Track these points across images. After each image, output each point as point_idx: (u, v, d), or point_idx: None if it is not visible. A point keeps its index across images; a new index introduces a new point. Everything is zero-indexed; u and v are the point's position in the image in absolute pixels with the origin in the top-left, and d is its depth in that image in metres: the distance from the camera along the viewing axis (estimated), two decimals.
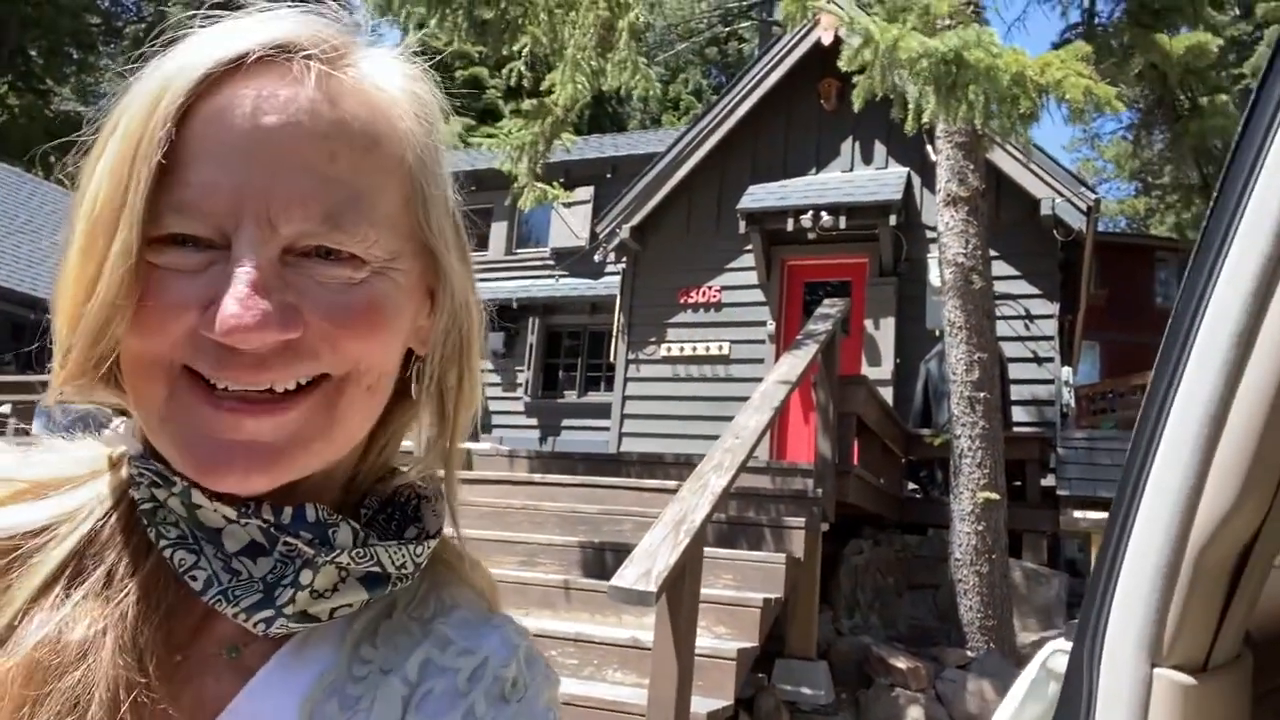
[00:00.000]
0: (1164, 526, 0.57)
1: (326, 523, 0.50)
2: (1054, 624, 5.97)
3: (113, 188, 0.46)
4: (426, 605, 0.56)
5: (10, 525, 0.49)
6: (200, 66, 0.46)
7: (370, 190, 0.49)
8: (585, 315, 13.22)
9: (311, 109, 0.47)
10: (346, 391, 0.49)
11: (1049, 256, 7.97)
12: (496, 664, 0.54)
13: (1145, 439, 0.59)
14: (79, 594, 0.48)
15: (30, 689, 0.44)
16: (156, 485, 0.50)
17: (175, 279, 0.46)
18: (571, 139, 6.37)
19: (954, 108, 3.96)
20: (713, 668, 3.40)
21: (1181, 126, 6.91)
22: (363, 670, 0.52)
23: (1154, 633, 0.57)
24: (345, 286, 0.48)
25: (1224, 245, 0.58)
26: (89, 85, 29.54)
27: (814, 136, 9.23)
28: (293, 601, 0.49)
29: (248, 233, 0.46)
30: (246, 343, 0.45)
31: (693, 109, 29.29)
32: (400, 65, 0.54)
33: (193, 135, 0.46)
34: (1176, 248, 17.58)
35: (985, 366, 5.50)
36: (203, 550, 0.49)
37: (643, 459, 6.13)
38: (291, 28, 0.49)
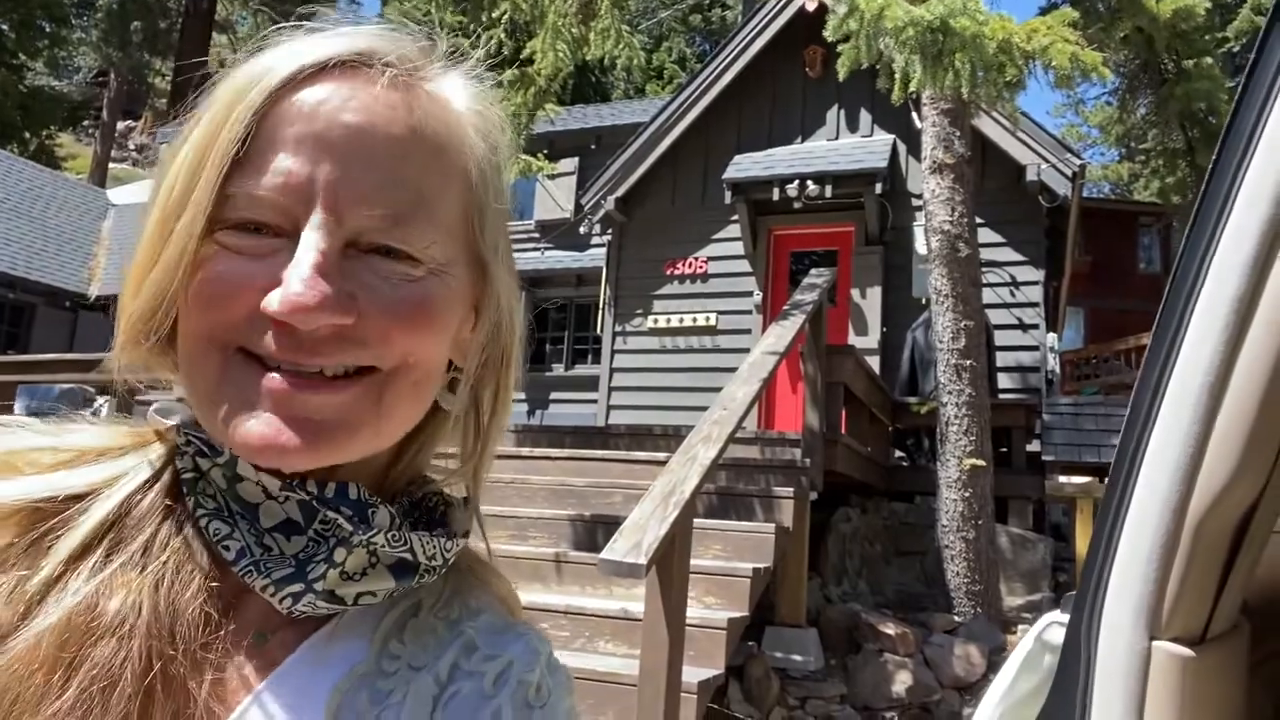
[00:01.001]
0: (1163, 497, 0.56)
1: (367, 502, 0.52)
2: (1039, 588, 6.04)
3: (190, 172, 0.49)
4: (452, 607, 0.58)
5: (55, 488, 0.50)
6: (287, 67, 0.50)
7: (434, 196, 0.52)
8: (571, 288, 13.17)
9: (387, 112, 0.50)
10: (394, 384, 0.51)
11: (1035, 223, 7.97)
12: (521, 669, 0.56)
13: (1144, 409, 0.59)
14: (118, 560, 0.49)
15: (65, 652, 0.45)
16: (202, 455, 0.51)
17: (241, 260, 0.48)
18: (555, 110, 6.28)
19: (940, 76, 3.92)
20: (703, 637, 3.43)
21: (1167, 90, 6.89)
22: (392, 666, 0.53)
23: (1153, 605, 0.56)
24: (401, 282, 0.50)
25: (1223, 212, 0.57)
26: (62, 59, 28.99)
27: (799, 105, 9.16)
28: (324, 578, 0.50)
29: (316, 221, 0.48)
30: (306, 322, 0.46)
31: (677, 78, 29.03)
32: (469, 85, 0.57)
33: (273, 127, 0.49)
34: (1160, 213, 17.63)
35: (971, 334, 5.51)
36: (237, 524, 0.51)
37: (631, 431, 6.13)
38: (375, 39, 0.53)
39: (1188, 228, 0.61)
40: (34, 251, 15.84)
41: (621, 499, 4.67)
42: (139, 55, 30.41)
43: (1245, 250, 0.53)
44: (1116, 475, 0.59)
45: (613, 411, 9.38)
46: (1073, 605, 0.61)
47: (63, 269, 16.00)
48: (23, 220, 16.43)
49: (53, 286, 15.39)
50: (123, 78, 29.79)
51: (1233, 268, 0.55)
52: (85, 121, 32.16)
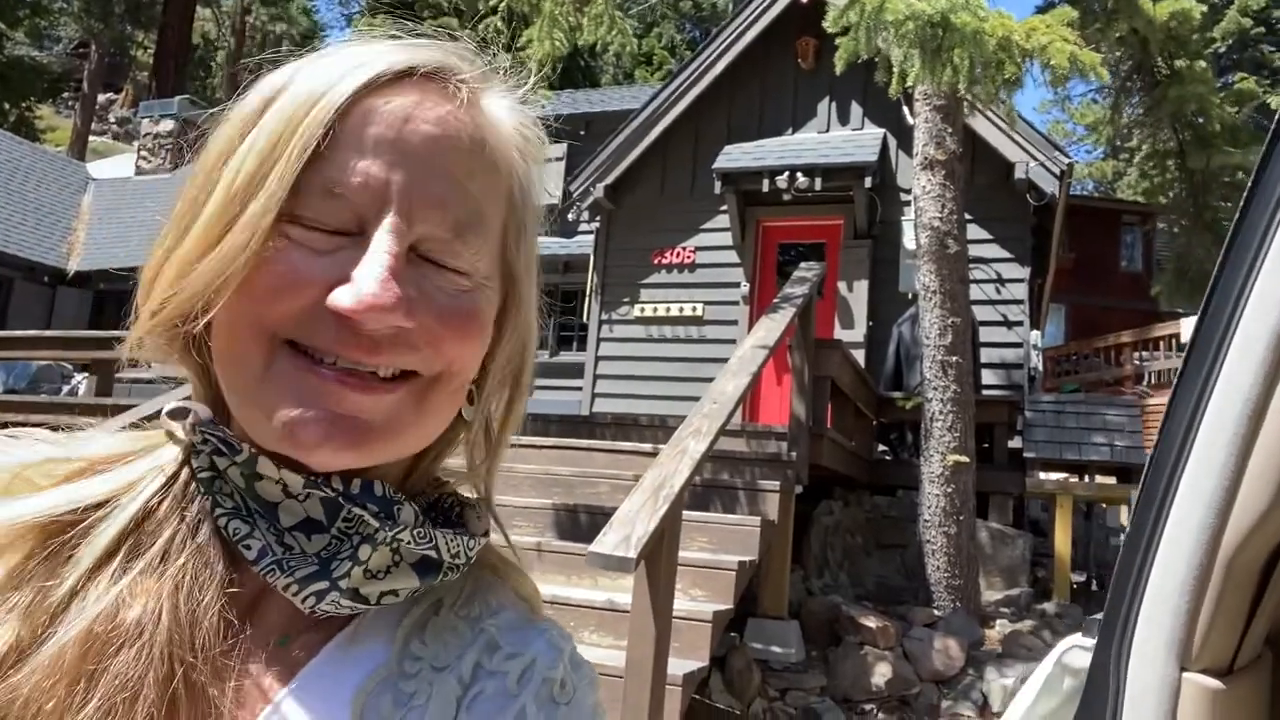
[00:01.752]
0: (1196, 529, 0.56)
1: (392, 499, 0.52)
2: (1018, 583, 6.10)
3: (260, 159, 0.48)
4: (473, 605, 0.58)
5: (74, 500, 0.50)
6: (374, 68, 0.50)
7: (488, 211, 0.53)
8: (558, 274, 13.12)
9: (461, 126, 0.52)
10: (436, 390, 0.52)
11: (1022, 220, 8.01)
12: (544, 666, 0.56)
13: (1177, 440, 0.58)
14: (137, 567, 0.49)
15: (87, 663, 0.45)
16: (219, 453, 0.51)
17: (304, 254, 0.48)
18: (546, 95, 6.25)
19: (939, 71, 3.92)
20: (688, 629, 3.44)
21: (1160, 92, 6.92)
22: (414, 667, 0.53)
23: (1183, 636, 0.56)
24: (456, 293, 0.51)
25: (1264, 242, 0.56)
26: (43, 29, 28.50)
27: (790, 96, 9.15)
28: (348, 576, 0.50)
29: (389, 223, 0.48)
30: (378, 321, 0.47)
31: (667, 64, 28.92)
32: (515, 106, 0.58)
33: (352, 127, 0.49)
34: (1143, 212, 17.76)
35: (958, 331, 5.54)
36: (256, 523, 0.50)
37: (617, 420, 6.13)
38: (451, 55, 0.54)
39: (1222, 255, 0.60)
40: (11, 225, 15.59)
41: (608, 488, 4.67)
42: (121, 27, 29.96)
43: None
44: (1147, 506, 0.59)
45: (598, 399, 9.37)
46: (1099, 633, 0.60)
47: (41, 243, 15.77)
48: (1, 193, 16.16)
49: (31, 261, 15.17)
50: (104, 49, 29.34)
51: (1273, 301, 0.54)
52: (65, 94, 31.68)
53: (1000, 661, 4.78)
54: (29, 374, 9.65)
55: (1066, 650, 0.68)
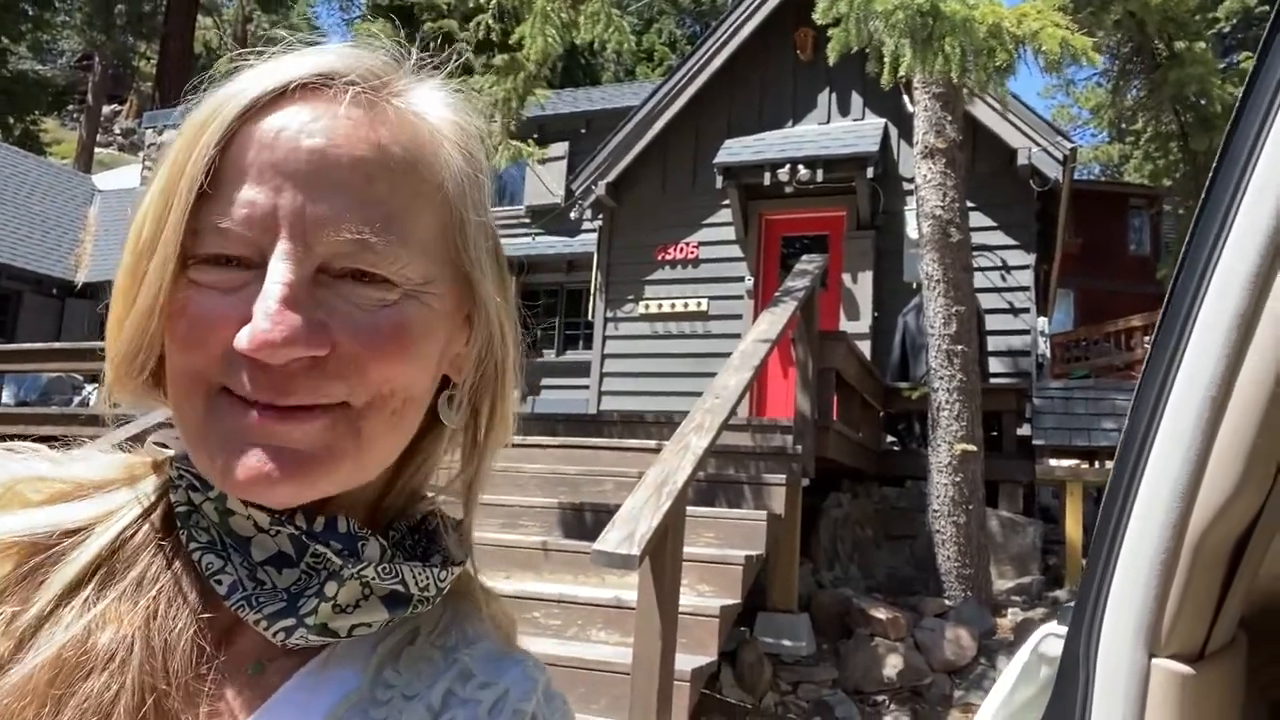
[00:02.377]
0: (1163, 513, 0.55)
1: (356, 535, 0.51)
2: (1029, 571, 6.08)
3: (158, 209, 0.48)
4: (449, 635, 0.57)
5: (50, 523, 0.50)
6: (247, 95, 0.49)
7: (405, 214, 0.50)
8: (562, 273, 13.13)
9: (351, 133, 0.49)
10: (370, 417, 0.49)
11: (1025, 207, 7.96)
12: (517, 697, 0.55)
13: (1143, 422, 0.58)
14: (110, 595, 0.49)
15: (56, 689, 0.45)
16: (194, 489, 0.51)
17: (213, 296, 0.47)
18: (545, 94, 6.24)
19: (930, 60, 3.89)
20: (696, 625, 3.44)
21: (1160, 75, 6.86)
22: (386, 694, 0.53)
23: (1152, 622, 0.56)
24: (376, 308, 0.49)
25: (1225, 225, 0.56)
26: (46, 42, 28.63)
27: (790, 88, 9.12)
28: (315, 612, 0.50)
29: (282, 250, 0.47)
30: (274, 357, 0.45)
31: (667, 60, 28.87)
32: (442, 95, 0.55)
33: (236, 158, 0.48)
34: (1150, 195, 17.65)
35: (963, 319, 5.52)
36: (230, 557, 0.50)
37: (623, 418, 6.13)
38: (334, 59, 0.51)
39: (1186, 238, 0.60)
40: (19, 238, 15.69)
41: (613, 486, 4.67)
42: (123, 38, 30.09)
43: (1248, 264, 0.52)
44: (1115, 490, 0.59)
45: (604, 397, 9.37)
46: (1070, 619, 0.60)
47: (48, 256, 15.86)
48: (8, 207, 16.26)
49: (39, 274, 15.26)
50: (107, 61, 29.47)
51: (1235, 282, 0.54)
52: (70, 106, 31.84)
53: (1013, 650, 4.77)
54: (40, 386, 9.70)
55: (1043, 639, 0.67)
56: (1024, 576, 6.03)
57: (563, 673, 3.20)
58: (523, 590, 3.73)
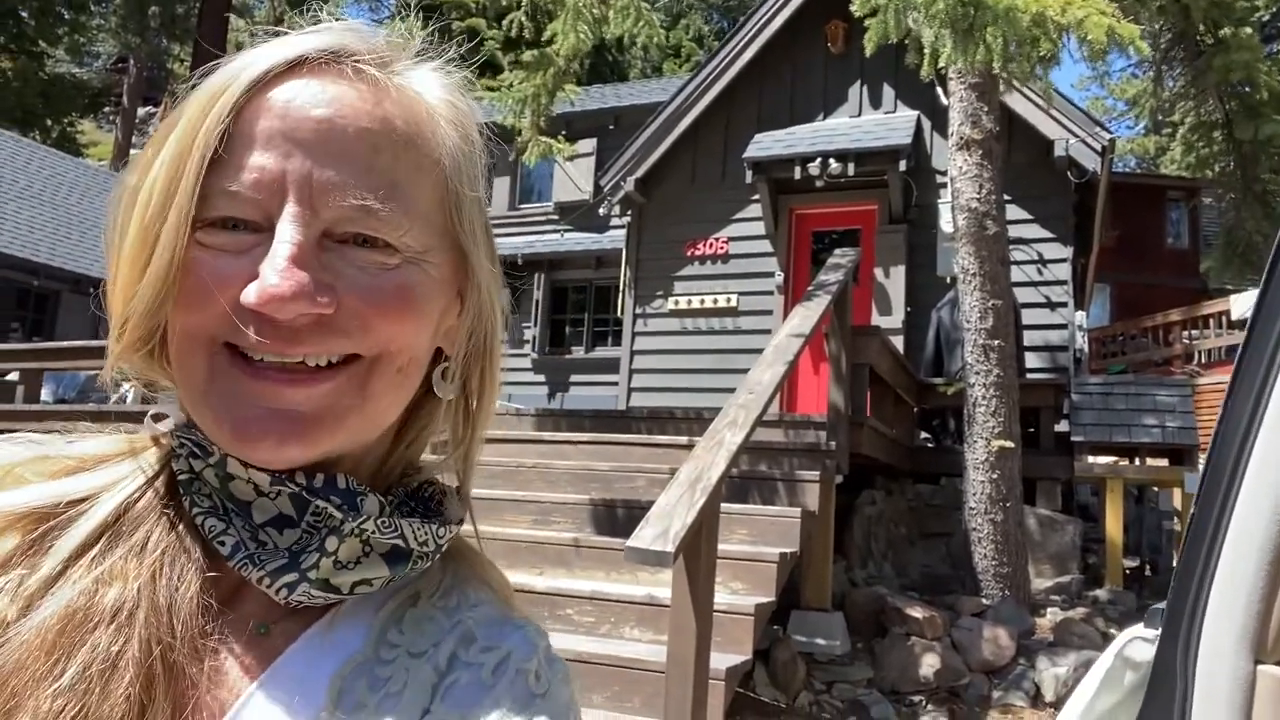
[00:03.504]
0: (1267, 515, 0.51)
1: (355, 491, 0.53)
2: (1068, 570, 5.97)
3: (169, 175, 0.49)
4: (450, 597, 0.59)
5: (55, 494, 0.52)
6: (259, 66, 0.51)
7: (407, 184, 0.52)
8: (591, 270, 13.13)
9: (358, 105, 0.51)
10: (378, 371, 0.52)
11: (1063, 199, 7.83)
12: (519, 659, 0.56)
13: (1242, 422, 0.54)
14: (116, 554, 0.50)
15: (64, 641, 0.47)
16: (195, 456, 0.53)
17: (221, 258, 0.49)
18: (574, 91, 6.22)
19: (971, 51, 3.81)
20: (730, 623, 3.40)
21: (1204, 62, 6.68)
22: (391, 654, 0.54)
23: (1257, 627, 0.52)
24: (379, 270, 0.51)
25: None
26: (82, 45, 29.11)
27: (820, 81, 9.03)
28: (316, 567, 0.51)
29: (290, 213, 0.49)
30: (282, 311, 0.47)
31: (695, 56, 28.77)
32: (440, 77, 0.58)
33: (247, 126, 0.50)
34: (1188, 187, 17.32)
35: (999, 314, 5.42)
36: (232, 521, 0.52)
37: (653, 414, 6.10)
38: (345, 36, 0.54)
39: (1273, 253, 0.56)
40: (58, 239, 15.97)
41: (645, 483, 4.64)
42: (157, 40, 30.52)
43: None
44: (1212, 494, 0.54)
45: (634, 394, 9.35)
46: (1164, 625, 0.56)
47: (86, 255, 16.12)
48: (46, 208, 16.56)
49: (76, 273, 15.51)
50: (142, 63, 29.90)
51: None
52: (106, 108, 32.37)
53: (1052, 650, 4.68)
54: (78, 384, 9.87)
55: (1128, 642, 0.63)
56: (1063, 575, 5.93)
57: (596, 671, 3.17)
58: (555, 587, 3.71)
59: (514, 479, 4.91)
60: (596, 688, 3.15)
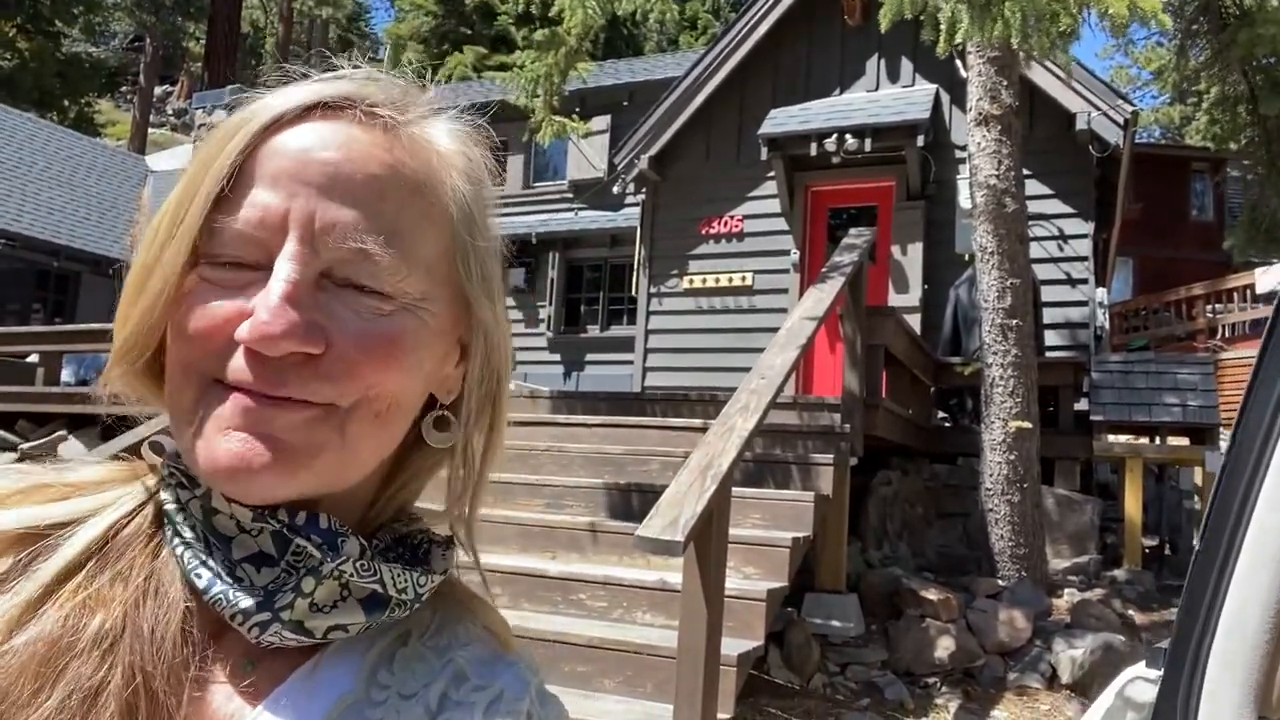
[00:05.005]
0: (1276, 559, 0.49)
1: (337, 531, 0.52)
2: (1086, 550, 5.93)
3: (177, 208, 0.50)
4: (441, 636, 0.58)
5: (38, 517, 0.52)
6: (274, 109, 0.52)
7: (411, 232, 0.52)
8: (606, 248, 13.07)
9: (367, 150, 0.52)
10: (356, 417, 0.51)
11: (1084, 173, 7.70)
12: (511, 698, 0.55)
13: (1253, 453, 0.51)
14: (100, 581, 0.50)
15: (45, 669, 0.46)
16: (182, 487, 0.53)
17: (219, 293, 0.50)
18: (587, 68, 6.15)
19: (989, 27, 3.72)
20: (742, 609, 3.39)
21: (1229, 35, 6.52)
22: (381, 695, 0.53)
23: (1261, 680, 0.49)
24: (373, 316, 0.51)
25: None
26: (98, 25, 29.17)
27: (837, 55, 8.90)
28: (291, 607, 0.50)
29: (289, 251, 0.49)
30: (271, 349, 0.47)
31: (711, 28, 28.45)
32: (454, 127, 0.58)
33: (256, 166, 0.51)
34: (1213, 159, 17.02)
35: (1018, 292, 5.35)
36: (212, 554, 0.51)
37: (667, 397, 6.08)
38: (359, 85, 0.54)
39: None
40: (77, 220, 16.08)
41: (658, 466, 4.63)
42: (173, 19, 30.54)
43: None
44: (1219, 528, 0.52)
45: (649, 373, 9.33)
46: (1166, 668, 0.53)
47: (105, 236, 16.23)
48: (65, 189, 16.66)
49: (96, 254, 15.63)
50: (158, 42, 29.94)
51: None
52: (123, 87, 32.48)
53: (1069, 632, 4.65)
54: (99, 365, 9.95)
55: (1129, 682, 0.61)
56: (1081, 555, 5.89)
57: (609, 655, 3.18)
58: (568, 572, 3.72)
59: (527, 462, 4.91)
60: (609, 673, 3.16)
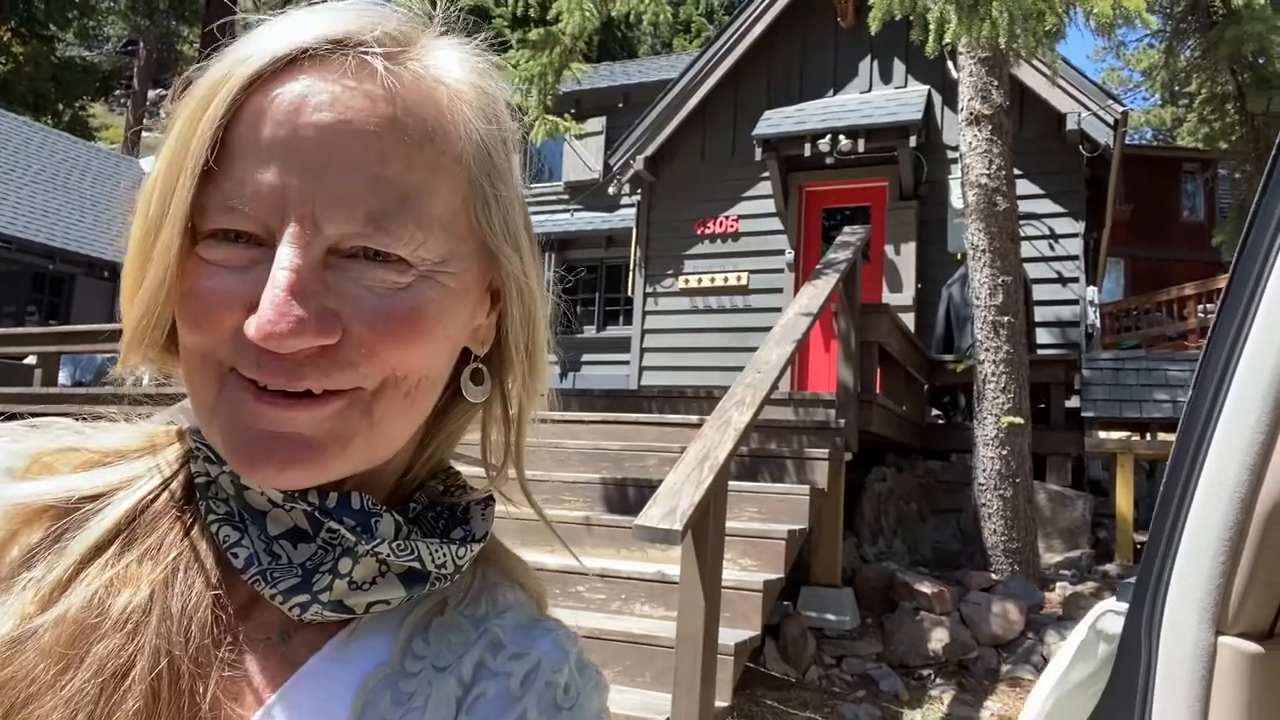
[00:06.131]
0: (1230, 487, 0.53)
1: (370, 511, 0.51)
2: (1079, 545, 5.99)
3: (164, 183, 0.46)
4: (479, 604, 0.56)
5: (70, 488, 0.50)
6: (253, 63, 0.46)
7: (422, 190, 0.47)
8: (601, 249, 13.12)
9: (363, 106, 0.46)
10: (383, 398, 0.48)
11: (1074, 174, 7.77)
12: (549, 668, 0.54)
13: (1208, 396, 0.56)
14: (129, 557, 0.49)
15: (72, 649, 0.45)
16: (210, 461, 0.51)
17: (222, 275, 0.46)
18: (582, 69, 6.20)
19: (977, 26, 3.78)
20: (739, 600, 3.44)
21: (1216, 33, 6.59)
22: (416, 666, 0.52)
23: (1218, 599, 0.54)
24: (389, 291, 0.47)
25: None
26: (91, 29, 29.11)
27: (830, 56, 8.97)
28: (330, 589, 0.49)
29: (290, 233, 0.45)
30: (282, 347, 0.44)
31: (704, 31, 28.53)
32: (466, 58, 0.52)
33: (243, 134, 0.46)
34: (1205, 159, 17.12)
35: (1009, 290, 5.41)
36: (247, 530, 0.50)
37: (663, 393, 6.12)
38: (350, 20, 0.48)
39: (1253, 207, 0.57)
40: (71, 223, 16.06)
41: (655, 462, 4.67)
42: (166, 22, 30.47)
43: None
44: (1179, 463, 0.57)
45: (645, 373, 9.37)
46: (1131, 597, 0.58)
47: (99, 239, 16.21)
48: (59, 192, 16.65)
49: (91, 257, 15.61)
50: (152, 46, 29.88)
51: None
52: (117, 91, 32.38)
53: (1061, 624, 4.71)
54: (95, 366, 9.96)
55: (1100, 615, 0.66)
56: (1073, 550, 5.95)
57: (608, 646, 3.22)
58: (566, 565, 3.76)
59: (525, 458, 4.94)
60: (609, 662, 3.20)
